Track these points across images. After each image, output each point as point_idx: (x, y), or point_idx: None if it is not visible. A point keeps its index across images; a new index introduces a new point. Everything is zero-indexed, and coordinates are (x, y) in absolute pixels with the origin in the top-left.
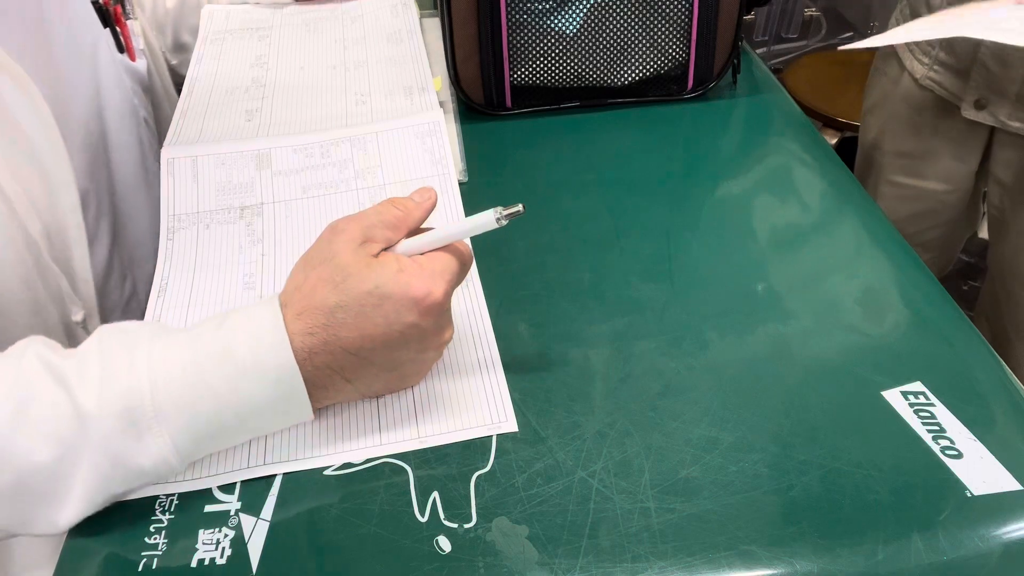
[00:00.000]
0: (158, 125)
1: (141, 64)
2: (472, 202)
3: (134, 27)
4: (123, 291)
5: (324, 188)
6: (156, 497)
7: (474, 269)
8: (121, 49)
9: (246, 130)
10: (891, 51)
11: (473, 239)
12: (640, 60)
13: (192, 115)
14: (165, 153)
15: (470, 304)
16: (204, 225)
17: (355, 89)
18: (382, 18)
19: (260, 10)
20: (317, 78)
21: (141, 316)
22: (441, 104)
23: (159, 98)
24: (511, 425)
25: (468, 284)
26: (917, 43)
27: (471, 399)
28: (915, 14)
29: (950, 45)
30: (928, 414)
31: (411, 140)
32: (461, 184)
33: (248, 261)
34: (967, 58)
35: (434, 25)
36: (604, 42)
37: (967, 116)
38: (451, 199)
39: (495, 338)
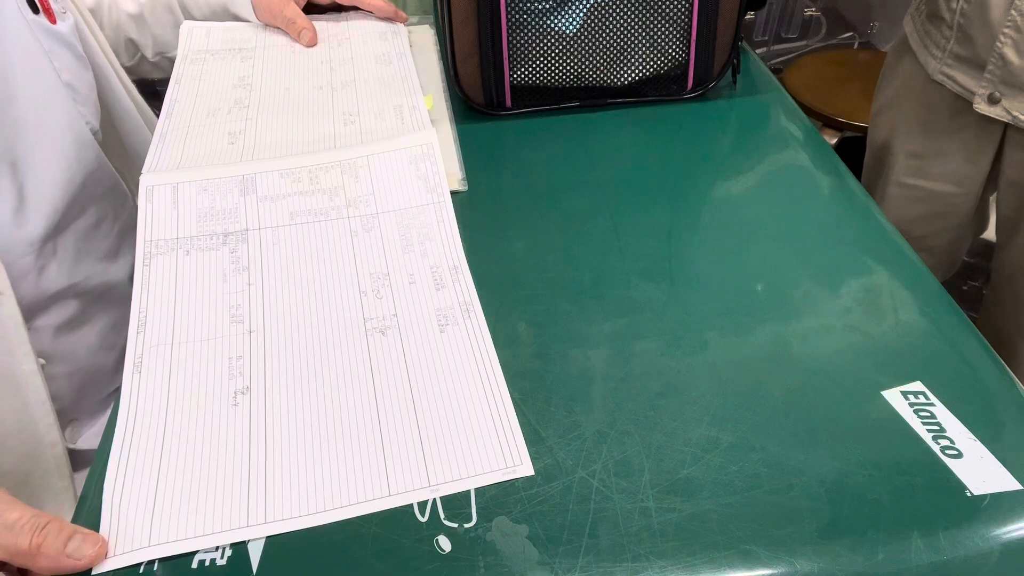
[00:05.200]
0: (99, 81)
1: (63, 26)
2: (472, 202)
3: None
4: (39, 258)
5: (314, 215)
6: None
7: (472, 288)
8: (36, 10)
9: (229, 154)
10: (906, 49)
11: (472, 239)
12: (640, 60)
13: (172, 138)
14: (144, 180)
15: (475, 340)
16: (184, 251)
17: (343, 109)
18: (370, 42)
19: (242, 29)
20: (303, 99)
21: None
22: (433, 122)
23: (97, 61)
24: (527, 469)
25: (470, 315)
26: (931, 37)
27: (483, 441)
28: (932, 14)
29: (967, 37)
30: (928, 414)
31: (404, 165)
32: (460, 193)
33: (234, 291)
34: (985, 49)
35: (423, 32)
36: (604, 42)
37: (979, 110)
38: (447, 228)
39: (503, 374)
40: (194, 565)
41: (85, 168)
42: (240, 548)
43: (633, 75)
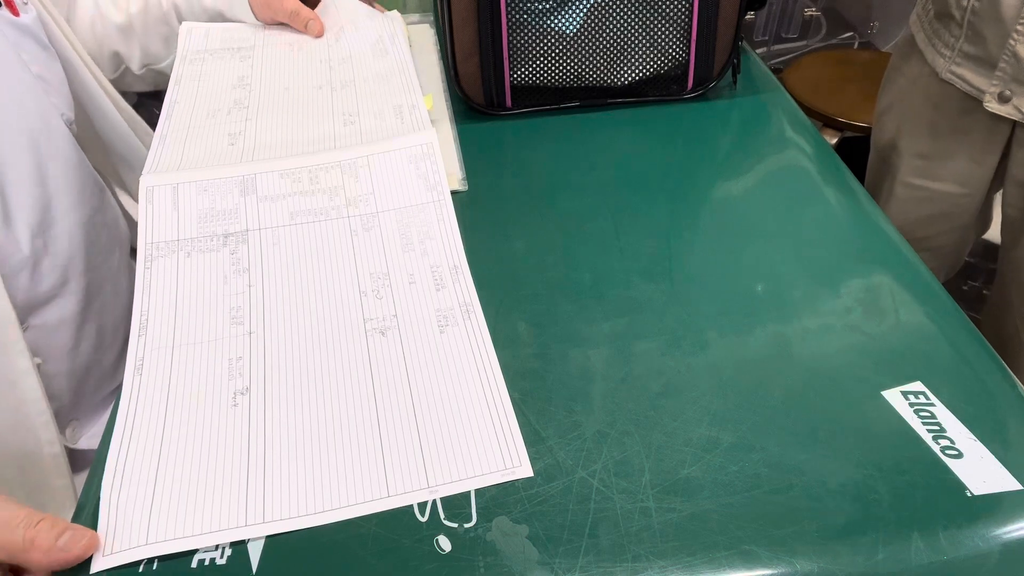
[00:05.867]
0: (68, 73)
1: (27, 18)
2: (472, 202)
3: None
4: (30, 255)
5: (314, 215)
6: None
7: (471, 289)
8: None
9: (229, 154)
10: (912, 49)
11: (472, 239)
12: (640, 60)
13: (172, 140)
14: (144, 181)
15: (475, 340)
16: (184, 253)
17: (342, 109)
18: (362, 25)
19: (241, 29)
20: (302, 99)
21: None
22: (433, 122)
23: (65, 53)
24: (526, 471)
25: (470, 316)
26: (939, 36)
27: (482, 443)
28: (941, 12)
29: (978, 35)
30: (928, 414)
31: (404, 164)
32: (460, 193)
33: (234, 293)
34: (996, 47)
35: (423, 32)
36: (604, 42)
37: (989, 108)
38: (447, 227)
39: (503, 374)
40: (194, 564)
41: (64, 161)
42: (240, 547)
43: (633, 75)
